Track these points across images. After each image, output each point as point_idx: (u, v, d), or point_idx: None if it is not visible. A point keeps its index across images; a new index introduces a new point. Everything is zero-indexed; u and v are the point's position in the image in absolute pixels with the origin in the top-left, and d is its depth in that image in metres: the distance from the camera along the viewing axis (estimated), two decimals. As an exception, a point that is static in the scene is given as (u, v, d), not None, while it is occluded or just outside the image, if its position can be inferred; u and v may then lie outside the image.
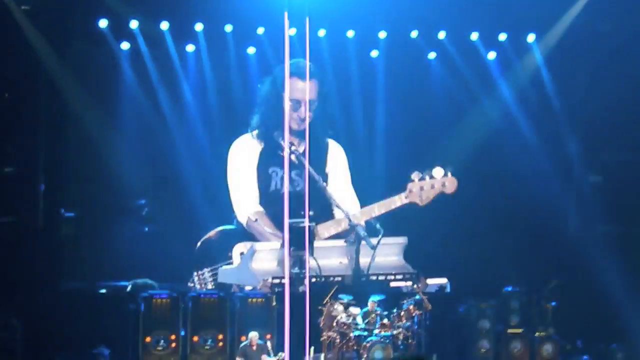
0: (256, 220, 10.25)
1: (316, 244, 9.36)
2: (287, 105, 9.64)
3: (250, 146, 10.32)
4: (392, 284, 10.17)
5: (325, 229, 10.05)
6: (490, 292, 12.77)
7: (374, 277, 9.99)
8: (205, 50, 12.39)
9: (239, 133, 11.46)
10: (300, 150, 10.06)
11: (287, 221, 8.85)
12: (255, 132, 10.24)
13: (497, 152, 13.04)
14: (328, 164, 10.48)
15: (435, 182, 10.11)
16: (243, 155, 10.38)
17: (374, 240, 9.38)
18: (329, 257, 9.81)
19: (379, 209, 9.98)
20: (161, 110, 12.66)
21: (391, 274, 9.99)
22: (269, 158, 10.01)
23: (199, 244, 11.09)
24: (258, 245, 10.00)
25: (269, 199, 10.15)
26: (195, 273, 11.13)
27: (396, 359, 5.19)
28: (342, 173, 10.53)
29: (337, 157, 10.51)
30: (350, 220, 9.44)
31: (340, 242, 9.65)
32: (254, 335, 11.28)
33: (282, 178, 10.27)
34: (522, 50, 12.79)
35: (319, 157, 10.39)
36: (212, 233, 11.00)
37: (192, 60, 12.45)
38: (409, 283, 10.12)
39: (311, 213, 9.53)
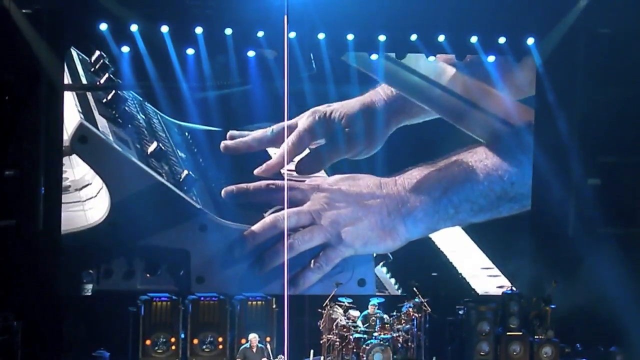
0: None
1: None
2: (286, 110, 9.27)
3: None
4: None
5: None
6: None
7: None
8: (205, 53, 12.38)
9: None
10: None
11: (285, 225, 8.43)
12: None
13: (496, 154, 13.03)
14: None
15: None
16: None
17: None
18: None
19: None
20: (160, 111, 12.70)
21: None
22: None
23: None
24: None
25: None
26: None
27: None
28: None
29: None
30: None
31: None
32: (253, 337, 11.29)
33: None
34: (521, 53, 12.78)
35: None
36: None
37: (191, 63, 12.45)
38: None
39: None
